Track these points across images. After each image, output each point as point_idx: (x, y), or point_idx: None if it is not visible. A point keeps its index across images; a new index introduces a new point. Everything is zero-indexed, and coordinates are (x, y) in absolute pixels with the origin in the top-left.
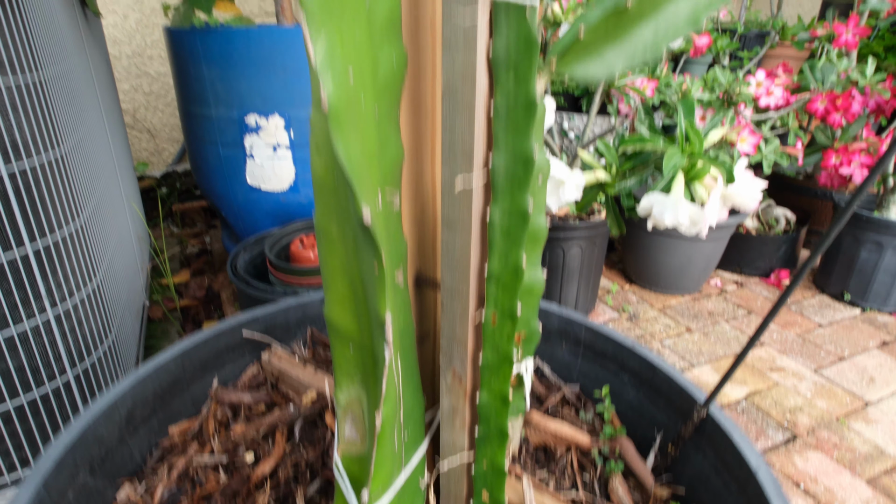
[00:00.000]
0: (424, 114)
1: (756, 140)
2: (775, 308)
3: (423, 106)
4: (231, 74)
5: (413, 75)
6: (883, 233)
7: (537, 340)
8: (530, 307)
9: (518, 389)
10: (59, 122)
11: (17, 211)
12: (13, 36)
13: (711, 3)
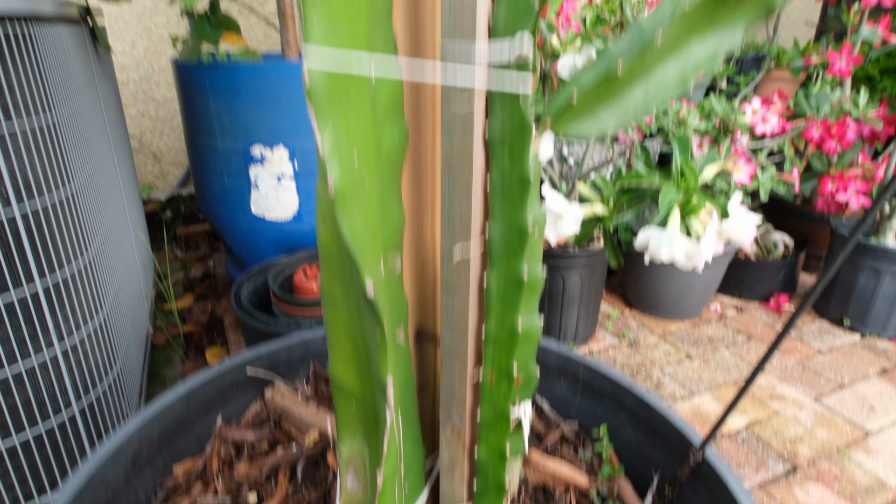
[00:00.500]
0: (425, 180)
1: (752, 170)
2: (775, 343)
3: (424, 173)
4: (237, 107)
5: (414, 147)
6: (880, 259)
7: (535, 385)
8: (528, 353)
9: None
10: (70, 160)
11: (29, 249)
12: (29, 80)
13: (698, 67)
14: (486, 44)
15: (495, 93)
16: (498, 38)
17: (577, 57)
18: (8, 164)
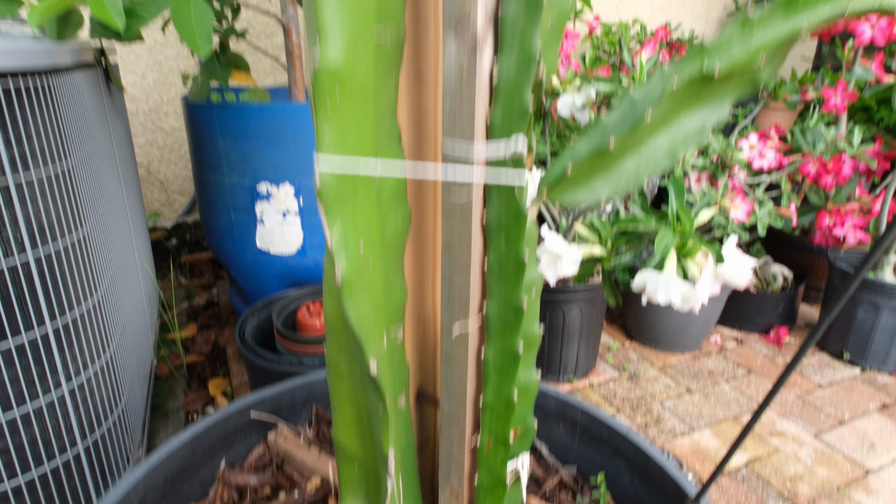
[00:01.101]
0: (427, 252)
1: (749, 207)
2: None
3: (426, 246)
4: (245, 146)
5: (417, 225)
6: (878, 294)
7: (533, 436)
8: (525, 406)
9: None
10: (83, 203)
11: (41, 292)
12: (46, 130)
13: (687, 140)
14: (483, 145)
15: (492, 184)
16: (494, 140)
17: (576, 96)
18: (24, 211)
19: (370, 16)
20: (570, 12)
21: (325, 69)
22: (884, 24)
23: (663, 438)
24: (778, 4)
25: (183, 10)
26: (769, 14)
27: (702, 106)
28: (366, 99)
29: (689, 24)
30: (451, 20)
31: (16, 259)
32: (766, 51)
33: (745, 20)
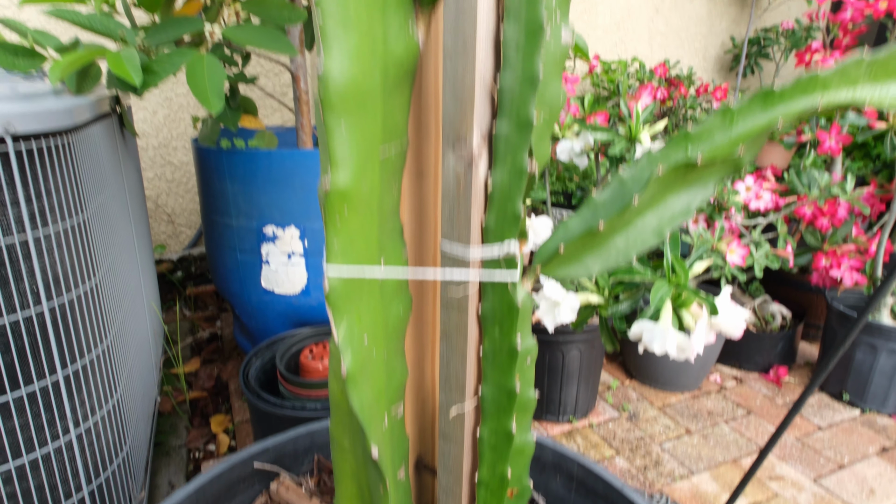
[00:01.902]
0: (426, 333)
1: (745, 252)
2: (778, 432)
3: (426, 326)
4: (253, 190)
5: (417, 309)
6: (876, 336)
7: (529, 495)
8: (521, 466)
9: None
10: (97, 252)
11: (53, 341)
12: (65, 185)
13: (674, 219)
14: (479, 249)
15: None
16: (489, 244)
17: (574, 142)
18: (41, 263)
19: (377, 139)
20: (561, 108)
21: (336, 191)
22: None
23: (662, 482)
24: (756, 97)
25: (196, 68)
26: (748, 105)
27: (687, 188)
28: (371, 209)
29: (688, 60)
30: (449, 139)
31: (31, 310)
32: (746, 140)
33: (726, 110)
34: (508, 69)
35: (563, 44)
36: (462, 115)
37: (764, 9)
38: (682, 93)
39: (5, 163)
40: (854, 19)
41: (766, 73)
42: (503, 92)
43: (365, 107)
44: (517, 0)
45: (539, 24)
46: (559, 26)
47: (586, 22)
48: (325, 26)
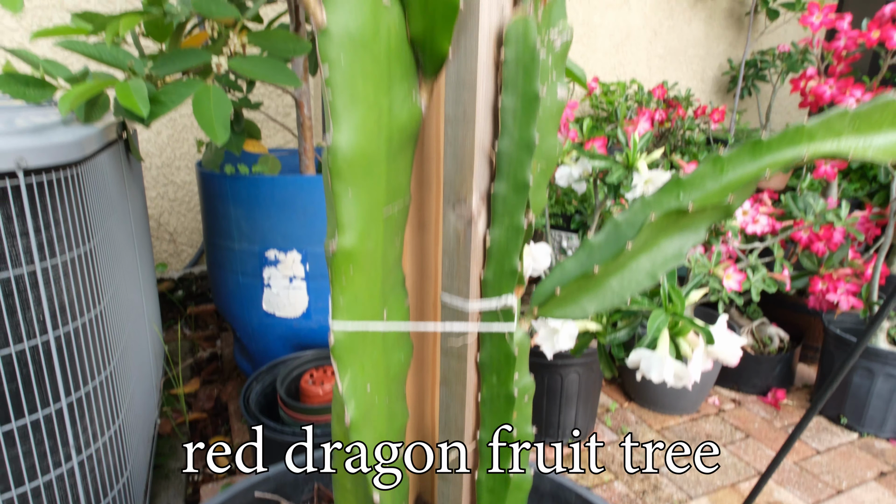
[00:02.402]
0: (426, 377)
1: (741, 277)
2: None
3: (426, 373)
4: (255, 214)
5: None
6: (872, 360)
7: None
8: (519, 500)
9: None
10: (102, 280)
11: (58, 370)
12: (73, 215)
13: (666, 263)
14: (478, 302)
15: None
16: (487, 298)
17: (573, 168)
18: (48, 293)
19: (381, 201)
20: (557, 159)
21: (342, 253)
22: (868, 98)
23: None
24: (745, 147)
25: (203, 99)
26: (738, 154)
27: (679, 233)
28: (375, 265)
29: (686, 82)
30: (450, 199)
31: (37, 339)
32: (736, 188)
33: (717, 158)
34: (506, 135)
35: (559, 99)
36: (462, 178)
37: (760, 32)
38: (679, 114)
39: (16, 196)
40: (847, 48)
41: (763, 95)
42: (501, 155)
43: (370, 173)
44: (514, 73)
45: (535, 95)
46: (555, 84)
47: (585, 45)
48: (334, 102)
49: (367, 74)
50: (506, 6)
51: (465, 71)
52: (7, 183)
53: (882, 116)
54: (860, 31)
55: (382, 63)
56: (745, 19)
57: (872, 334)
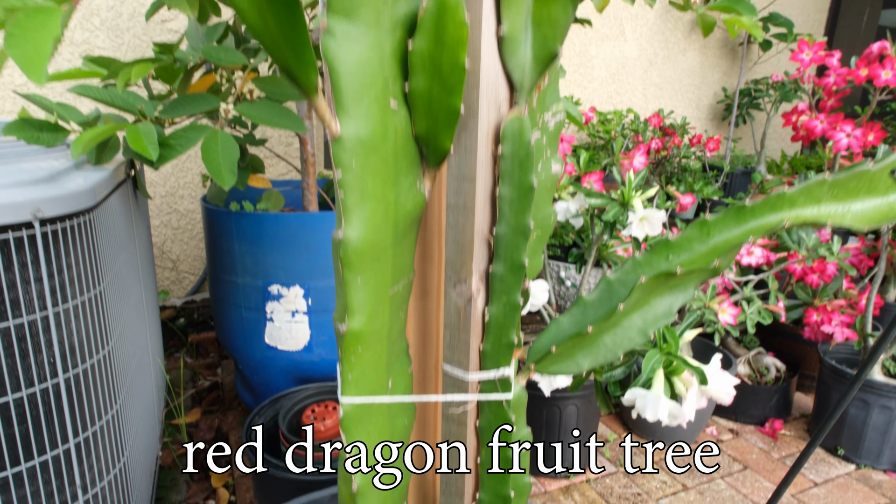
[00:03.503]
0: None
1: (736, 312)
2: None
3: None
4: (259, 250)
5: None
6: (867, 392)
7: None
8: None
9: None
10: (111, 320)
11: (67, 411)
12: (85, 260)
13: (657, 320)
14: (477, 374)
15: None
16: (486, 370)
17: (570, 203)
18: (59, 336)
19: (387, 283)
20: (552, 226)
21: (351, 334)
22: (858, 133)
23: None
24: (730, 212)
25: (211, 144)
26: (723, 219)
27: (669, 292)
28: (381, 341)
29: (682, 110)
30: (451, 279)
31: (48, 383)
32: (721, 252)
33: (703, 222)
34: (503, 222)
35: (553, 173)
36: (462, 260)
37: (754, 61)
38: (675, 142)
39: (31, 244)
40: (837, 84)
41: (757, 123)
42: (499, 239)
43: (378, 259)
44: (511, 167)
45: (529, 186)
46: (549, 160)
47: (583, 75)
48: (345, 200)
49: (375, 173)
50: (502, 105)
51: (465, 165)
52: (24, 233)
53: (858, 184)
54: (849, 68)
55: (390, 161)
56: (739, 49)
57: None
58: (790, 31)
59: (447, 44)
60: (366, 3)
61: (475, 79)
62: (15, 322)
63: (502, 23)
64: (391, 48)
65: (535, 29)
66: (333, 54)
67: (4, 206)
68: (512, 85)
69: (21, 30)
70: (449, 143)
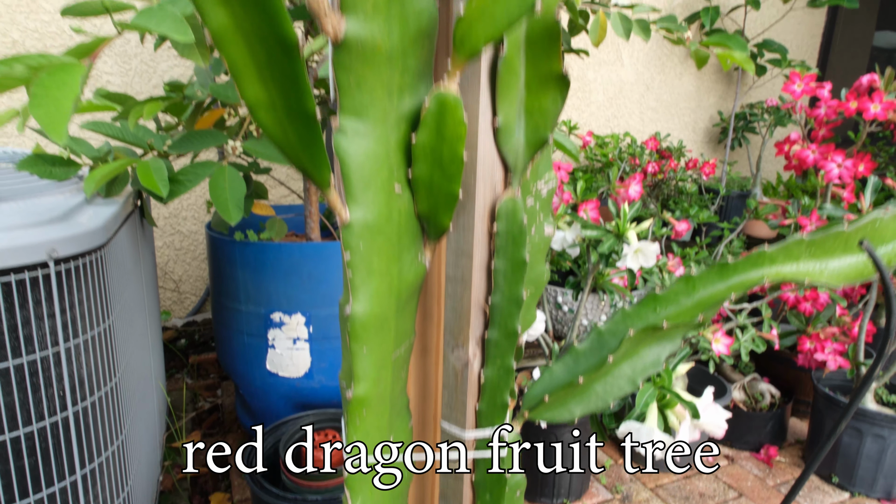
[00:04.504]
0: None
1: (729, 342)
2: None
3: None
4: (262, 278)
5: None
6: (860, 420)
7: None
8: None
9: None
10: (118, 352)
11: (75, 444)
12: (96, 295)
13: (646, 369)
14: (473, 432)
15: (480, 460)
16: (482, 428)
17: (567, 233)
18: (69, 370)
19: (390, 349)
20: (545, 283)
21: (357, 399)
22: (849, 163)
23: None
24: (714, 268)
25: (219, 181)
26: (707, 274)
27: (657, 343)
28: (384, 402)
29: (678, 133)
30: (449, 344)
31: (58, 416)
32: (706, 306)
33: (688, 278)
34: (498, 292)
35: (546, 235)
36: (460, 327)
37: (749, 86)
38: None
39: (46, 283)
40: (828, 115)
41: (753, 146)
42: (494, 308)
43: (382, 329)
44: (505, 243)
45: (522, 260)
46: (542, 224)
47: (581, 98)
48: (353, 279)
49: (380, 251)
50: (498, 185)
51: (463, 241)
52: (39, 272)
53: (834, 244)
54: (839, 101)
55: (393, 239)
56: (735, 74)
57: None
58: (784, 56)
59: (447, 138)
60: (374, 103)
61: (473, 165)
62: (28, 358)
63: (498, 114)
64: (396, 140)
65: (528, 118)
66: (344, 150)
67: (22, 248)
68: (506, 167)
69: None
70: (448, 222)
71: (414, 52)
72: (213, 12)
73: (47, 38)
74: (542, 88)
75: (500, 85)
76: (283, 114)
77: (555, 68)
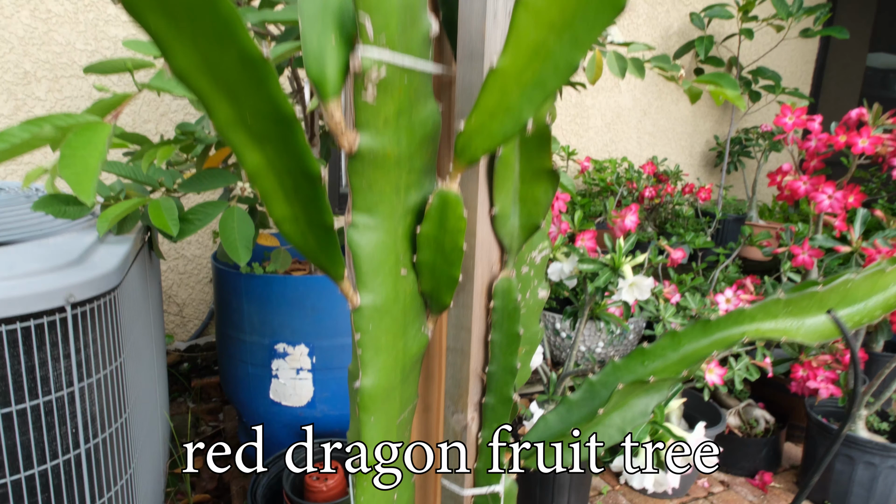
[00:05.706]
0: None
1: (722, 372)
2: None
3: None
4: (267, 310)
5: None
6: (852, 448)
7: None
8: None
9: None
10: (129, 388)
11: (86, 480)
12: (108, 335)
13: (635, 419)
14: (471, 490)
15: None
16: (479, 486)
17: (564, 264)
18: (82, 409)
19: (396, 413)
20: (539, 340)
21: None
22: (839, 195)
23: None
24: (697, 325)
25: (228, 221)
26: (691, 330)
27: (646, 394)
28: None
29: (675, 157)
30: (450, 409)
31: (70, 454)
32: (691, 362)
33: (674, 333)
34: (495, 362)
35: (540, 299)
36: (459, 394)
37: (744, 112)
38: (668, 190)
39: (62, 325)
40: (818, 148)
41: (748, 170)
42: (490, 376)
43: (388, 398)
44: (501, 318)
45: (516, 334)
46: (536, 288)
47: (579, 124)
48: (363, 357)
49: (388, 330)
50: (494, 265)
51: (463, 317)
52: (56, 317)
53: (809, 304)
54: (829, 134)
55: (399, 317)
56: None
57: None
58: (777, 83)
59: (449, 230)
60: (383, 200)
61: (472, 250)
62: (44, 399)
63: (495, 204)
64: (403, 230)
65: (522, 206)
66: (356, 243)
67: (41, 295)
68: (503, 248)
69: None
70: (449, 300)
71: (420, 155)
72: (248, 155)
73: (58, 69)
74: (534, 181)
75: (496, 178)
76: (305, 226)
77: (546, 165)
